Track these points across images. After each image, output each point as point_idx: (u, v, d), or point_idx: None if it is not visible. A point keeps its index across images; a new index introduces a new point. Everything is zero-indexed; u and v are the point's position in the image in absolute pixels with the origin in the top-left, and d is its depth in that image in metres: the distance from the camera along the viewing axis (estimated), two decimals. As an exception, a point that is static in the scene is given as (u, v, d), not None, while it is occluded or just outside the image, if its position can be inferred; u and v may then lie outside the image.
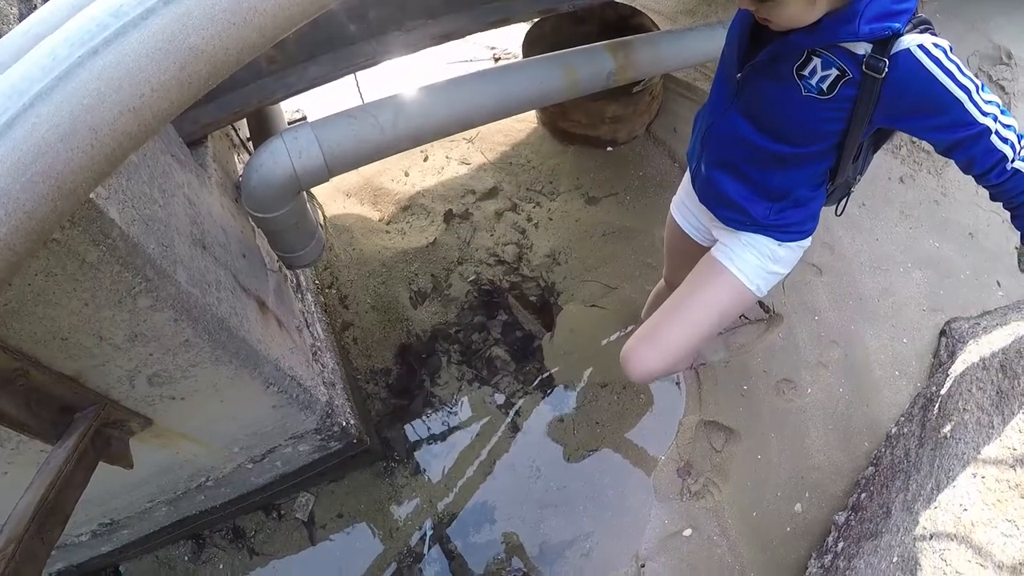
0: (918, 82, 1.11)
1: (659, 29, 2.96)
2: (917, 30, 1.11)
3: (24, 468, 1.26)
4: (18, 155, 0.53)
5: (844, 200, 1.55)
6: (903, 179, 3.01)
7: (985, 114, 1.14)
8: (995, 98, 1.16)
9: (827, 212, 1.59)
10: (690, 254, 1.76)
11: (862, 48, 1.12)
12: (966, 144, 1.17)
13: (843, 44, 1.13)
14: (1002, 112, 1.16)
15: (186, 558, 2.25)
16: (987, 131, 1.14)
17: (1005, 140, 1.16)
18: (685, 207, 1.76)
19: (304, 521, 2.30)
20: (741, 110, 1.33)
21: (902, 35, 1.09)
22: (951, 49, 1.11)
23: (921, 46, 1.09)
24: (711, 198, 1.52)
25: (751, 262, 1.53)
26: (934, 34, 1.12)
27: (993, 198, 1.28)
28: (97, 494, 1.63)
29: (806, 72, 1.17)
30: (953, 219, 2.88)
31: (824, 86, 1.17)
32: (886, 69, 1.10)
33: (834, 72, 1.15)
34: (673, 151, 3.13)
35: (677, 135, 3.18)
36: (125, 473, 1.36)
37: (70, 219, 0.91)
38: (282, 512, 2.32)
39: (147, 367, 1.26)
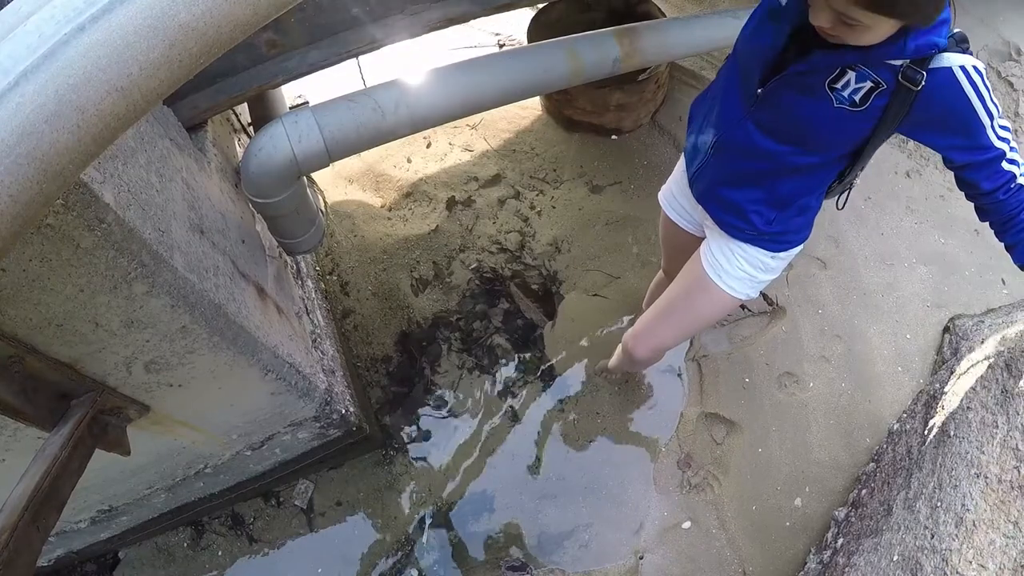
0: (953, 101, 1.11)
1: (666, 16, 2.91)
2: (959, 48, 1.10)
3: (21, 455, 1.25)
4: (1, 136, 0.51)
5: (846, 194, 1.54)
6: (909, 174, 2.98)
7: (1001, 139, 1.16)
8: (1008, 123, 1.17)
9: (830, 205, 1.57)
10: (684, 244, 1.77)
11: (900, 59, 1.10)
12: (978, 166, 1.19)
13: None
14: (1012, 136, 1.19)
15: (185, 544, 2.25)
16: (1000, 156, 1.17)
17: (1013, 162, 1.19)
18: (676, 200, 1.74)
19: (303, 508, 2.30)
20: (759, 121, 1.30)
21: (945, 51, 1.08)
22: (985, 72, 1.11)
23: (963, 67, 1.09)
24: (713, 202, 1.50)
25: (739, 275, 1.54)
26: (971, 52, 1.12)
27: (985, 214, 1.28)
28: (95, 481, 1.62)
29: (839, 85, 1.16)
30: (959, 215, 2.85)
31: (857, 98, 1.15)
32: (923, 82, 1.09)
33: (868, 84, 1.13)
34: (678, 140, 3.09)
35: (683, 124, 3.14)
36: (123, 460, 1.35)
37: (64, 203, 0.89)
38: (281, 499, 2.32)
39: (144, 354, 1.24)
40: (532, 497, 2.30)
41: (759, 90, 1.25)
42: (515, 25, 3.68)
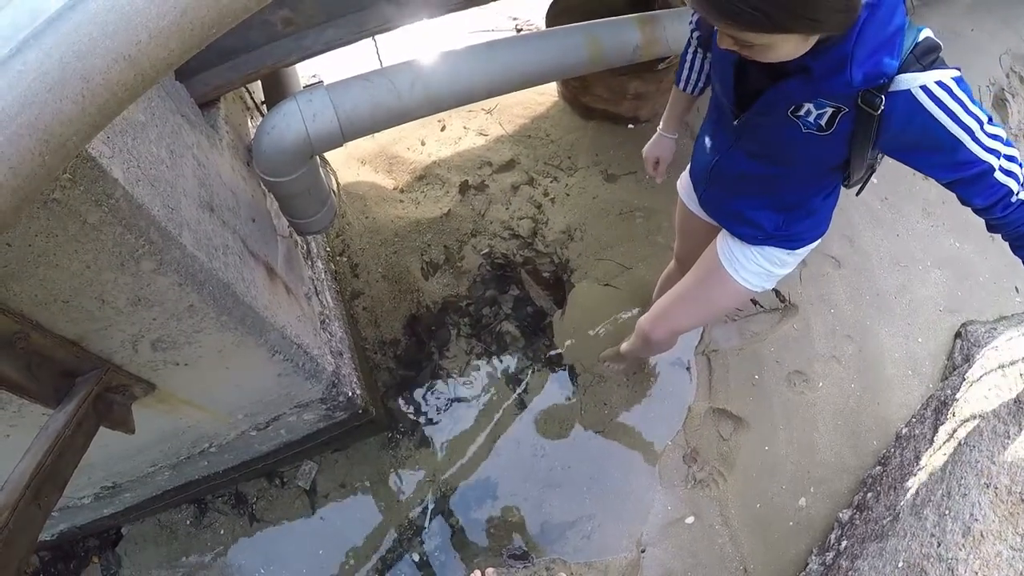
0: (918, 122, 1.05)
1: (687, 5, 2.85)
2: (920, 64, 1.02)
3: (25, 432, 1.23)
4: (1, 105, 0.48)
5: (863, 184, 1.51)
6: (927, 176, 2.92)
7: (989, 150, 1.08)
8: (1000, 132, 1.09)
9: (848, 203, 1.55)
10: (700, 232, 1.78)
11: (852, 90, 1.06)
12: (967, 182, 1.13)
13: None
14: (1006, 144, 1.10)
15: (188, 522, 2.26)
16: (990, 169, 1.09)
17: (1009, 173, 1.11)
18: (693, 190, 1.73)
19: (306, 489, 2.30)
20: (745, 151, 1.33)
21: (903, 72, 1.02)
22: (960, 80, 1.03)
23: (924, 87, 1.02)
24: (722, 216, 1.55)
25: (754, 269, 1.56)
26: (943, 65, 1.03)
27: (992, 229, 1.23)
28: (99, 458, 1.62)
29: (801, 112, 1.14)
30: (975, 220, 2.73)
31: (822, 122, 1.13)
32: (882, 106, 1.04)
33: (829, 110, 1.11)
34: (695, 131, 3.03)
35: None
36: (127, 438, 1.34)
37: (70, 177, 0.87)
38: (285, 480, 2.32)
39: (150, 332, 1.23)
40: (536, 485, 2.30)
41: (735, 122, 1.27)
42: (533, 10, 3.63)
